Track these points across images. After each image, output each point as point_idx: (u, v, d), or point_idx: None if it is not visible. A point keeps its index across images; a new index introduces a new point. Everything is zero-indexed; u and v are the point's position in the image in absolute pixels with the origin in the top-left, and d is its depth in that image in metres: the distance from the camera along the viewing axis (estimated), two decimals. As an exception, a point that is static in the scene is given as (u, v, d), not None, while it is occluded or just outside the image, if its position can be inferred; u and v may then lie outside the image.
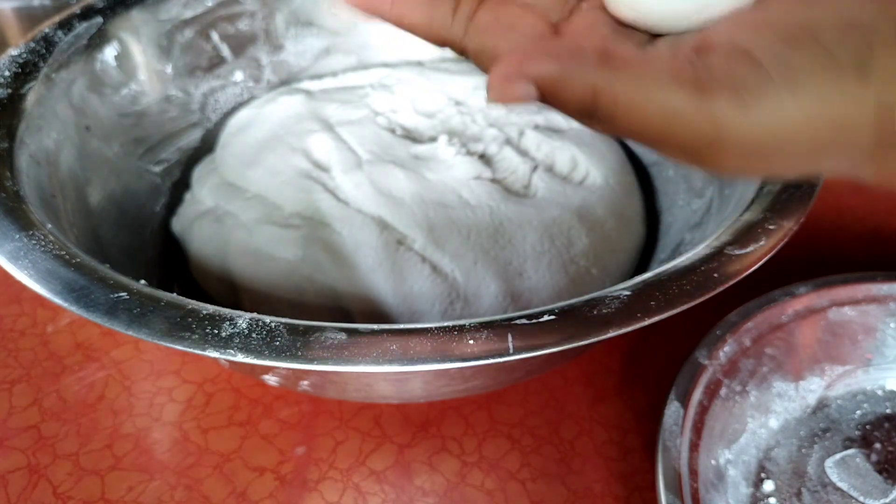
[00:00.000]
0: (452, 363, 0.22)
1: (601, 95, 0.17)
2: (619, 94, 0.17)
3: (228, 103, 0.46)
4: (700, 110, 0.16)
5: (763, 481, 0.31)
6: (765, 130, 0.16)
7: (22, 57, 0.34)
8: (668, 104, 0.16)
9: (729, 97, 0.16)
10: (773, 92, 0.16)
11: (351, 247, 0.35)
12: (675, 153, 0.17)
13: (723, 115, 0.16)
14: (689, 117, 0.16)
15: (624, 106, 0.17)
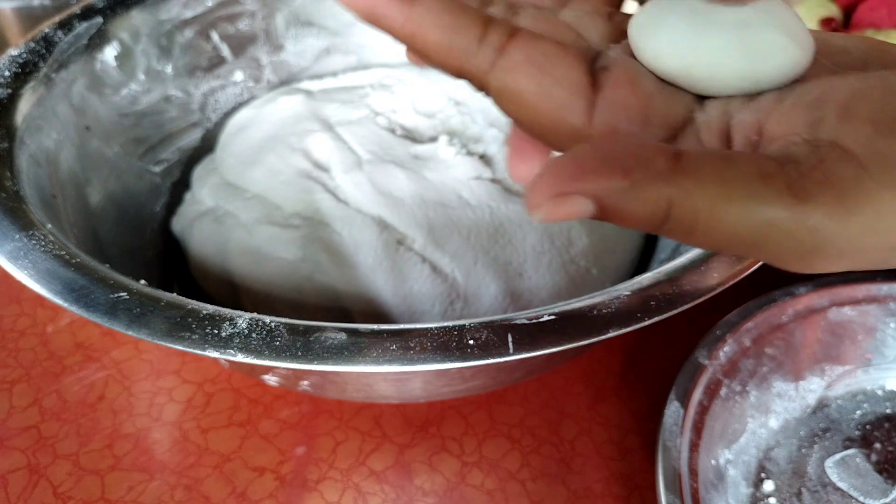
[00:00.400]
0: (452, 363, 0.22)
1: (678, 209, 0.14)
2: (700, 206, 0.14)
3: (228, 103, 0.46)
4: (799, 220, 0.14)
5: (763, 481, 0.31)
6: (865, 233, 0.14)
7: (22, 57, 0.34)
8: (760, 215, 0.14)
9: (831, 203, 0.14)
10: (875, 193, 0.14)
11: (351, 247, 0.35)
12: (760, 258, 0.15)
13: (823, 224, 0.14)
14: (784, 228, 0.14)
15: (707, 219, 0.14)
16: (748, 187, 0.14)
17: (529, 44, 0.19)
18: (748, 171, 0.14)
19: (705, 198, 0.14)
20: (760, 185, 0.14)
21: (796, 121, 0.16)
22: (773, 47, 0.18)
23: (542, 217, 0.15)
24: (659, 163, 0.14)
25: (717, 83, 0.19)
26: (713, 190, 0.14)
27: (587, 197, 0.14)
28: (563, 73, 0.19)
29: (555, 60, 0.19)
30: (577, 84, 0.19)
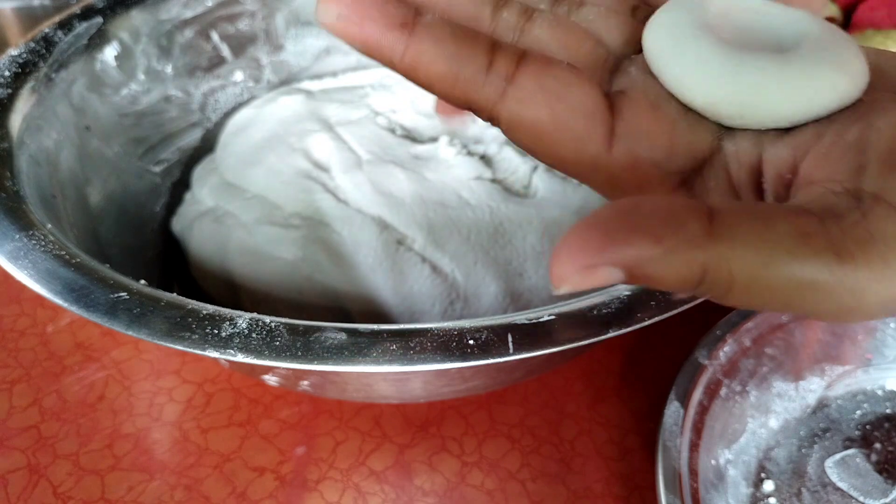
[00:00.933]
0: (452, 363, 0.22)
1: (713, 274, 0.13)
2: (736, 271, 0.13)
3: (228, 103, 0.46)
4: (840, 282, 0.13)
5: (763, 481, 0.31)
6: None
7: (22, 57, 0.34)
8: (800, 278, 0.13)
9: (875, 264, 0.13)
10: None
11: (351, 247, 0.35)
12: (797, 314, 0.15)
13: (866, 285, 0.13)
14: (826, 289, 0.13)
15: (744, 283, 0.14)
16: (788, 250, 0.13)
17: (541, 70, 0.18)
18: (787, 232, 0.14)
19: (743, 263, 0.13)
20: (801, 246, 0.13)
21: (837, 166, 0.15)
22: (819, 85, 0.17)
23: (570, 289, 0.14)
24: (692, 227, 0.13)
25: (750, 120, 0.17)
26: (751, 254, 0.13)
27: (616, 266, 0.13)
28: (578, 99, 0.17)
29: (569, 86, 0.17)
30: (595, 111, 0.17)
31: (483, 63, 0.17)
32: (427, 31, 0.17)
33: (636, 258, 0.13)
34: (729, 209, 0.14)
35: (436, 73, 0.18)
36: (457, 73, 0.17)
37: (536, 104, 0.17)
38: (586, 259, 0.13)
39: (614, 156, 0.17)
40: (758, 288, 0.14)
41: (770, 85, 0.16)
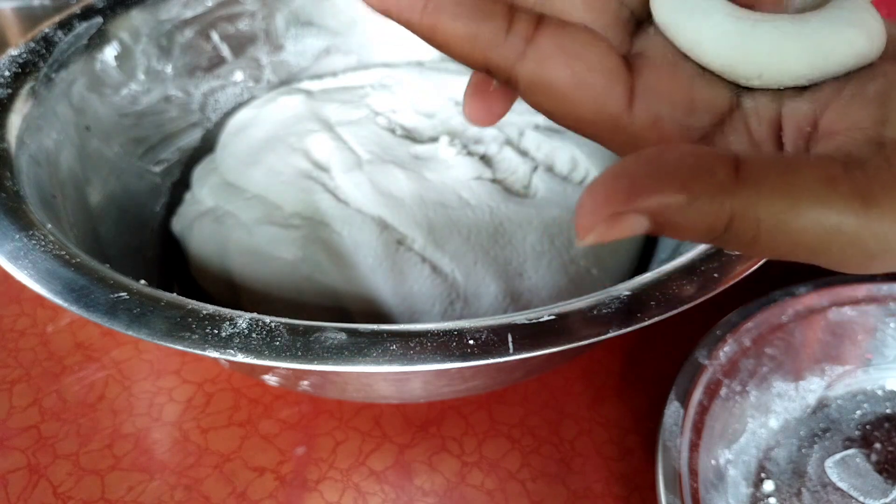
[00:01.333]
0: (452, 363, 0.22)
1: (740, 221, 0.13)
2: (763, 217, 0.13)
3: (228, 103, 0.46)
4: (866, 226, 0.13)
5: (763, 481, 0.31)
6: None
7: (22, 57, 0.34)
8: (826, 223, 0.13)
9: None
10: None
11: (351, 247, 0.35)
12: (819, 263, 0.15)
13: (892, 229, 0.13)
14: (851, 235, 0.14)
15: (770, 229, 0.14)
16: (814, 195, 0.13)
17: (559, 31, 0.18)
18: (814, 178, 0.14)
19: (770, 208, 0.13)
20: (827, 191, 0.13)
21: (858, 115, 0.15)
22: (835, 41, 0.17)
23: (594, 239, 0.14)
24: (720, 174, 0.13)
25: (768, 80, 0.17)
26: (778, 200, 0.13)
27: (643, 214, 0.13)
28: (597, 58, 0.17)
29: (587, 46, 0.18)
30: (614, 70, 0.18)
31: (502, 24, 0.18)
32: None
33: (663, 206, 0.13)
34: (755, 158, 0.14)
35: (454, 33, 0.18)
36: (475, 34, 0.17)
37: (556, 64, 0.17)
38: (612, 207, 0.13)
39: (634, 114, 0.18)
40: (784, 234, 0.14)
41: (786, 44, 0.17)
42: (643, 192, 0.13)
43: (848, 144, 0.15)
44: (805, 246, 0.14)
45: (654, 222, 0.13)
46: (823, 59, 0.17)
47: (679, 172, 0.13)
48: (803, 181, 0.14)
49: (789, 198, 0.13)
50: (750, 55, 0.17)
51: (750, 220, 0.13)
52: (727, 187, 0.13)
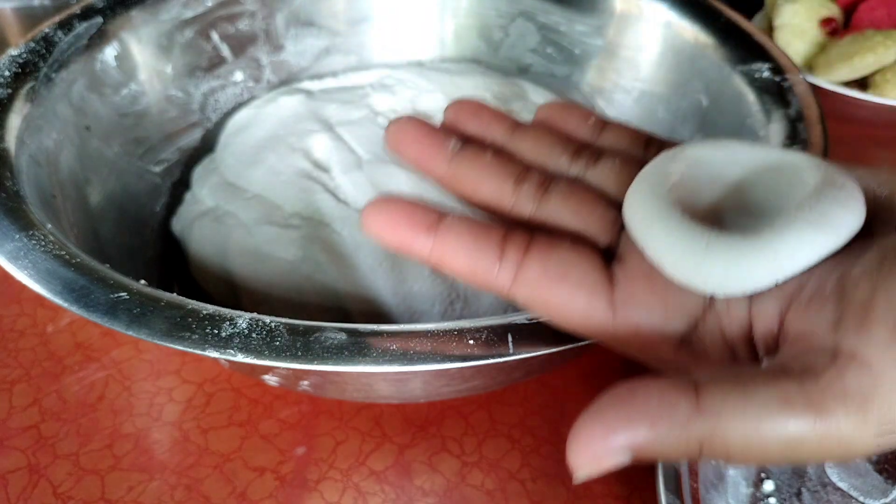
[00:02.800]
0: (452, 363, 0.22)
1: (709, 445, 0.15)
2: (729, 441, 0.15)
3: (228, 103, 0.46)
4: (825, 436, 0.15)
5: (763, 481, 0.31)
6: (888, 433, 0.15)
7: (22, 57, 0.34)
8: (788, 438, 0.15)
9: (853, 418, 0.15)
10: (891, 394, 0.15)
11: (351, 247, 0.35)
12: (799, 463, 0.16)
13: (849, 435, 0.15)
14: (813, 443, 0.15)
15: (739, 449, 0.15)
16: (772, 416, 0.15)
17: (545, 254, 0.20)
18: (769, 400, 0.15)
19: (733, 433, 0.15)
20: (784, 411, 0.15)
21: (816, 319, 0.17)
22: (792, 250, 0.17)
23: (587, 477, 0.16)
24: (682, 407, 0.15)
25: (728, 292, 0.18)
26: (739, 425, 0.15)
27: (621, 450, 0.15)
28: (579, 277, 0.20)
29: (571, 267, 0.20)
30: (596, 285, 0.20)
31: (496, 254, 0.20)
32: (448, 231, 0.20)
33: (637, 443, 0.15)
34: (713, 382, 0.16)
35: (458, 266, 0.21)
36: (475, 266, 0.20)
37: (543, 287, 0.20)
38: (593, 451, 0.15)
39: (617, 323, 0.20)
40: (752, 450, 0.15)
41: (741, 262, 0.18)
42: (617, 434, 0.15)
43: (806, 354, 0.16)
44: (775, 455, 0.15)
45: (634, 455, 0.15)
46: (779, 271, 0.17)
47: (646, 411, 0.15)
48: (760, 403, 0.15)
49: (749, 422, 0.15)
50: (708, 276, 0.18)
51: (718, 444, 0.15)
52: (691, 420, 0.15)
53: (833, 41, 0.58)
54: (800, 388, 0.15)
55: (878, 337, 0.15)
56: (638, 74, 0.44)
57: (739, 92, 0.37)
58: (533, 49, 0.49)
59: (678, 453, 0.15)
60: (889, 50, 0.53)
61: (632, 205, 0.20)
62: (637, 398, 0.16)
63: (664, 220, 0.19)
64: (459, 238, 0.20)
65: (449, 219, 0.21)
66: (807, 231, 0.17)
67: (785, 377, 0.16)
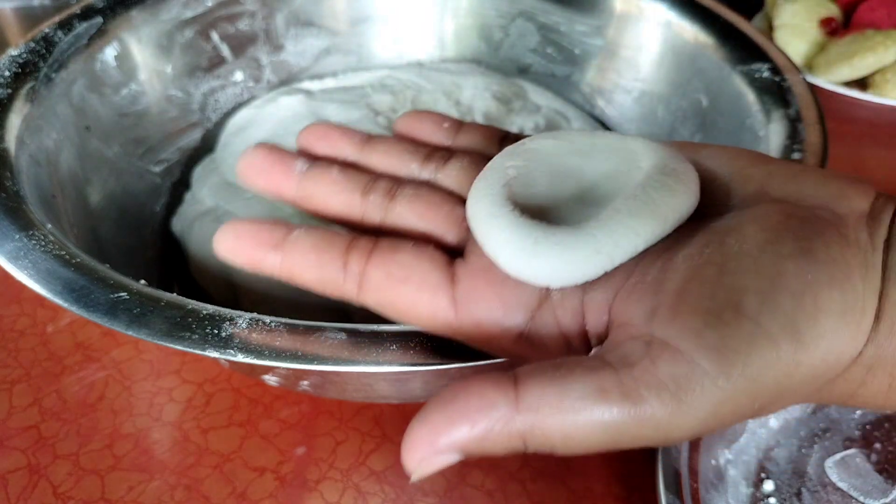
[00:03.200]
0: (452, 363, 0.22)
1: (531, 438, 0.16)
2: (549, 433, 0.15)
3: (228, 103, 0.46)
4: (641, 424, 0.15)
5: (763, 481, 0.31)
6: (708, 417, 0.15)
7: (22, 57, 0.34)
8: (605, 427, 0.15)
9: (666, 403, 0.15)
10: (708, 382, 0.15)
11: (351, 247, 0.35)
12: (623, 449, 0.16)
13: (665, 421, 0.15)
14: (632, 431, 0.15)
15: (560, 440, 0.15)
16: (589, 407, 0.15)
17: (387, 259, 0.21)
18: (585, 391, 0.15)
19: (552, 426, 0.15)
20: (599, 402, 0.15)
21: (635, 308, 0.17)
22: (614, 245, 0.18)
23: (418, 478, 0.16)
24: (500, 405, 0.15)
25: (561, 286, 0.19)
26: (556, 417, 0.15)
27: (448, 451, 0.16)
28: (421, 277, 0.20)
29: (412, 269, 0.20)
30: (436, 284, 0.20)
31: (340, 264, 0.21)
32: (294, 246, 0.21)
33: (460, 443, 0.15)
34: (531, 376, 0.16)
35: (307, 279, 0.21)
36: (322, 277, 0.21)
37: (387, 291, 0.20)
38: (421, 454, 0.16)
39: (460, 318, 0.20)
40: (575, 440, 0.15)
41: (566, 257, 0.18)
42: (441, 436, 0.15)
43: (623, 343, 0.17)
44: (598, 445, 0.16)
45: (463, 454, 0.16)
46: (609, 259, 0.18)
47: (466, 412, 0.16)
48: (576, 395, 0.15)
49: (566, 414, 0.15)
50: (538, 270, 0.19)
51: (539, 437, 0.15)
52: (509, 417, 0.15)
53: (833, 41, 0.58)
54: (615, 378, 0.15)
55: (689, 325, 0.16)
56: (638, 74, 0.44)
57: (739, 92, 0.37)
58: (533, 49, 0.49)
59: (503, 448, 0.16)
60: (889, 50, 0.53)
61: (471, 202, 0.21)
62: (458, 400, 0.16)
63: (498, 216, 0.20)
64: (304, 253, 0.21)
65: (295, 234, 0.21)
66: (630, 220, 0.18)
67: (602, 368, 0.16)
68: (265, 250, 0.21)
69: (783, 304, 0.15)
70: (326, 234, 0.21)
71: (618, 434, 0.15)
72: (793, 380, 0.16)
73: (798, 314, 0.15)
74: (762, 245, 0.16)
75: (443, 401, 0.16)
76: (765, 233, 0.17)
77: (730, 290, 0.16)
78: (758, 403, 0.16)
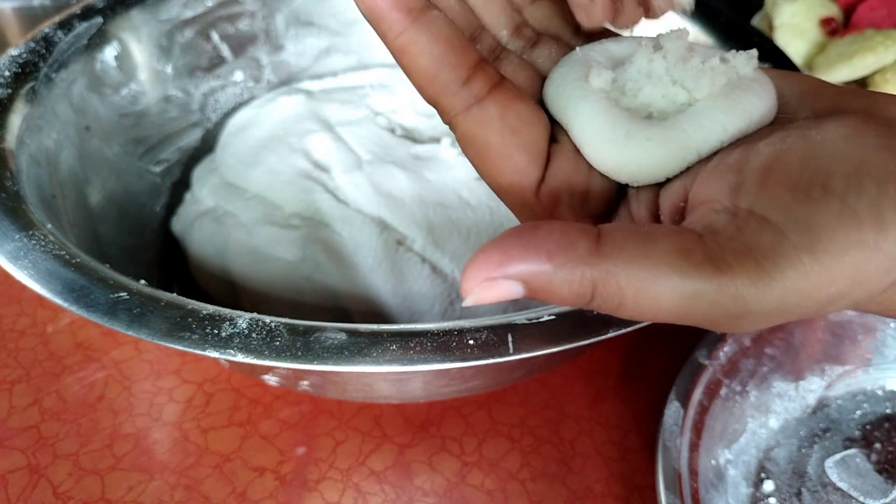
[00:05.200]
0: (452, 363, 0.22)
1: (602, 288, 0.15)
2: (623, 285, 0.15)
3: (228, 103, 0.46)
4: (721, 290, 0.15)
5: (763, 481, 0.31)
6: (788, 294, 0.15)
7: (22, 57, 0.34)
8: (683, 289, 0.15)
9: (751, 272, 0.15)
10: (794, 257, 0.15)
11: (351, 247, 0.35)
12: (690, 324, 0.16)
13: (746, 291, 0.15)
14: (709, 298, 0.15)
15: (632, 296, 0.15)
16: (670, 265, 0.15)
17: (509, 101, 0.19)
18: (668, 249, 0.15)
19: (628, 277, 0.15)
20: (681, 260, 0.15)
21: (718, 186, 0.17)
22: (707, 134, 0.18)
23: (474, 301, 0.15)
24: (580, 246, 0.15)
25: (643, 183, 0.19)
26: (635, 269, 0.15)
27: (514, 280, 0.15)
28: (529, 139, 0.19)
29: (526, 125, 0.19)
30: (538, 154, 0.19)
31: (462, 75, 0.19)
32: (427, 26, 0.19)
33: (530, 273, 0.15)
34: (615, 229, 0.15)
35: (418, 65, 0.19)
36: (435, 74, 0.19)
37: (492, 130, 0.19)
38: (486, 273, 0.15)
39: (541, 195, 0.19)
40: (646, 300, 0.15)
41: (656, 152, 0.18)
42: (512, 261, 0.15)
43: (707, 215, 0.16)
44: (668, 310, 0.15)
45: (527, 288, 0.15)
46: (695, 154, 0.18)
47: (545, 245, 0.15)
48: (659, 252, 0.15)
49: (646, 268, 0.15)
50: (622, 167, 0.18)
51: (611, 288, 0.15)
52: (587, 258, 0.15)
53: (833, 41, 0.58)
54: (699, 242, 0.15)
55: (778, 197, 0.16)
56: (638, 74, 0.44)
57: (739, 92, 0.37)
58: (533, 49, 0.49)
59: (571, 293, 0.15)
60: (889, 50, 0.53)
61: (558, 84, 0.20)
62: (539, 232, 0.15)
63: (589, 101, 0.19)
64: (435, 39, 0.19)
65: (434, 13, 0.19)
66: (720, 115, 0.18)
67: (686, 232, 0.16)
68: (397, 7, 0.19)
69: (868, 189, 0.15)
70: (463, 37, 0.19)
71: (693, 299, 0.15)
72: (869, 267, 0.15)
73: (882, 199, 0.15)
74: (845, 137, 0.16)
75: (521, 230, 0.15)
76: (847, 129, 0.17)
77: (815, 171, 0.16)
78: (834, 287, 0.15)
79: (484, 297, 0.15)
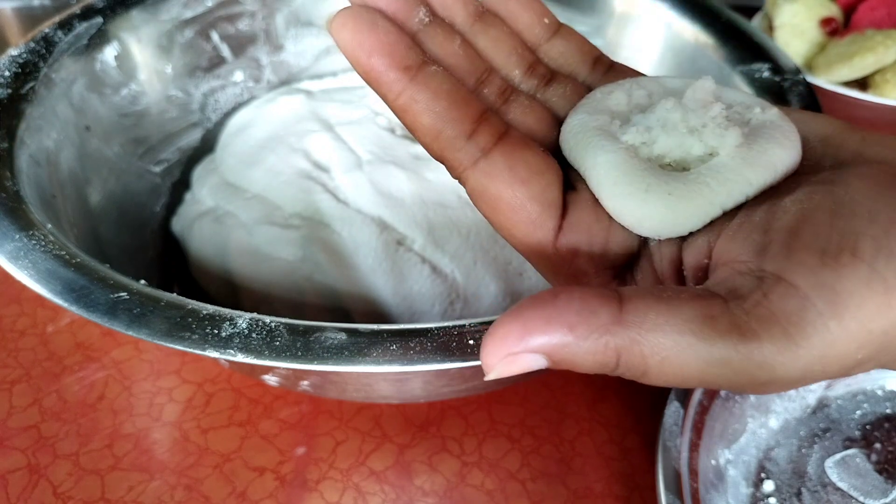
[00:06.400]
0: (452, 363, 0.22)
1: (626, 356, 0.15)
2: (647, 354, 0.15)
3: (228, 103, 0.46)
4: (748, 358, 0.14)
5: (763, 481, 0.31)
6: (815, 361, 0.15)
7: (22, 57, 0.34)
8: (709, 357, 0.14)
9: (778, 340, 0.14)
10: (821, 324, 0.14)
11: (351, 247, 0.35)
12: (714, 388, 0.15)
13: (773, 359, 0.14)
14: (734, 366, 0.14)
15: (657, 364, 0.15)
16: (694, 333, 0.14)
17: (517, 151, 0.19)
18: (692, 316, 0.15)
19: (653, 346, 0.14)
20: (706, 328, 0.14)
21: (743, 246, 0.16)
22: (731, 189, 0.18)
23: (497, 376, 0.15)
24: (602, 314, 0.15)
25: (665, 237, 0.18)
26: (660, 338, 0.14)
27: (536, 353, 0.15)
28: (540, 189, 0.19)
29: (536, 174, 0.19)
30: (551, 203, 0.19)
31: (467, 129, 0.19)
32: (426, 82, 0.18)
33: (552, 346, 0.15)
34: (637, 294, 0.15)
35: (421, 124, 0.19)
36: (439, 131, 0.19)
37: (501, 182, 0.18)
38: (507, 349, 0.15)
39: (558, 246, 0.19)
40: (672, 368, 0.15)
41: (678, 207, 0.18)
42: (533, 334, 0.15)
43: (732, 278, 0.16)
44: (694, 377, 0.15)
45: (550, 360, 0.15)
46: (719, 209, 0.18)
47: (565, 315, 0.15)
48: (684, 319, 0.15)
49: (671, 336, 0.14)
50: (644, 221, 0.18)
51: (636, 356, 0.15)
52: (609, 328, 0.14)
53: (833, 41, 0.58)
54: (724, 308, 0.15)
55: (805, 261, 0.15)
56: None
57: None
58: (533, 49, 0.49)
59: (595, 363, 0.15)
60: (889, 50, 0.53)
61: (575, 130, 0.20)
62: (559, 302, 0.15)
63: (609, 151, 0.19)
64: (436, 96, 0.18)
65: (432, 69, 0.19)
66: (745, 169, 0.18)
67: (711, 297, 0.15)
68: (394, 67, 0.18)
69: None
70: (464, 89, 0.19)
71: (719, 367, 0.14)
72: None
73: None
74: (872, 195, 0.16)
75: (539, 300, 0.15)
76: (874, 185, 0.16)
77: (843, 233, 0.15)
78: (861, 353, 0.15)
79: (506, 372, 0.15)
